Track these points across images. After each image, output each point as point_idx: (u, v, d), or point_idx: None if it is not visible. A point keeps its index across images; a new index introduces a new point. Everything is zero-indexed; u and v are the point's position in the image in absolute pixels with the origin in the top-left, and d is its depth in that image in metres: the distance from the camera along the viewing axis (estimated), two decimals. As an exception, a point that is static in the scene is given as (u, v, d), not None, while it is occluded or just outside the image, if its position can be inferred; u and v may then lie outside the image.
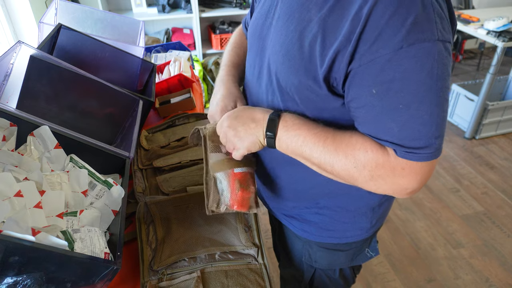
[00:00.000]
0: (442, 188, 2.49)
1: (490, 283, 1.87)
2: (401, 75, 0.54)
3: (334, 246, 0.89)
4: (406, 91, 0.55)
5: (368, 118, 0.60)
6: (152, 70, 1.28)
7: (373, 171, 0.61)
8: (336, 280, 0.97)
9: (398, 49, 0.53)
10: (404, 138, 0.58)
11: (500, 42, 2.54)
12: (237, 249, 0.83)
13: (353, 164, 0.62)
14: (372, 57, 0.55)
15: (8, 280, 0.55)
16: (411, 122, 0.56)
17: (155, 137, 1.23)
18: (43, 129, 0.76)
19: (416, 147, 0.57)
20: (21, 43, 0.88)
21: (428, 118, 0.56)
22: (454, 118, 3.14)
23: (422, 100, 0.55)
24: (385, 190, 0.64)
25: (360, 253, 0.93)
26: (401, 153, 0.59)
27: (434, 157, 0.59)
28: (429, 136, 0.57)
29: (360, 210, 0.83)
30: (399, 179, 0.61)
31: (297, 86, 0.66)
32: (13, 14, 2.18)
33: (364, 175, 0.62)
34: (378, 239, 2.09)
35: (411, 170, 0.59)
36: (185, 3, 3.35)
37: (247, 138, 0.71)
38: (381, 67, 0.55)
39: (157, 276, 0.78)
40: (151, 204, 0.92)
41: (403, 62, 0.54)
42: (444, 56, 0.55)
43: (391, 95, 0.56)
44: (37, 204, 0.66)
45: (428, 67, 0.54)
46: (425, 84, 0.55)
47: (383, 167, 0.60)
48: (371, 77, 0.56)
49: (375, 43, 0.54)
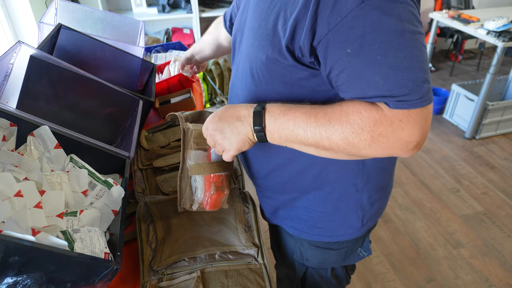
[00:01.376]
0: (442, 188, 2.49)
1: (490, 283, 1.87)
2: (370, 28, 0.54)
3: (325, 244, 0.89)
4: (380, 41, 0.55)
5: (351, 80, 0.59)
6: (152, 70, 1.28)
7: (372, 131, 0.59)
8: (328, 280, 0.97)
9: (360, 3, 0.54)
10: (391, 88, 0.57)
11: (500, 42, 2.54)
12: (237, 249, 0.83)
13: (350, 130, 0.59)
14: (338, 19, 0.55)
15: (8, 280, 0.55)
16: (393, 71, 0.56)
17: (155, 137, 1.23)
18: (43, 129, 0.76)
19: (404, 94, 0.56)
20: (21, 43, 0.88)
21: (409, 63, 0.55)
22: (454, 118, 3.14)
23: (397, 47, 0.55)
24: (390, 149, 0.60)
25: (352, 252, 0.93)
26: (394, 104, 0.57)
27: (426, 102, 0.57)
28: (415, 81, 0.56)
29: (349, 208, 0.83)
30: (399, 132, 0.58)
31: (264, 61, 0.67)
32: (13, 14, 2.18)
33: (365, 138, 0.59)
34: (378, 239, 2.11)
35: (409, 120, 0.58)
36: (185, 3, 3.35)
37: (235, 138, 0.69)
38: (349, 25, 0.55)
39: (157, 276, 0.78)
40: (151, 204, 0.92)
41: (368, 15, 0.54)
42: (408, 2, 0.56)
43: (366, 49, 0.56)
44: (37, 204, 0.66)
45: (395, 14, 0.54)
46: (396, 32, 0.55)
47: (381, 124, 0.58)
48: (342, 38, 0.56)
49: (336, 5, 0.55)
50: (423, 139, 0.60)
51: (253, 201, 0.95)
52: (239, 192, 0.97)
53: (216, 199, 0.78)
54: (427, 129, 0.60)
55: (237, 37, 0.81)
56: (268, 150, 0.78)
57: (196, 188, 0.79)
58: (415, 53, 0.56)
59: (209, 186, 0.78)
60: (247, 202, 0.94)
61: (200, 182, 0.78)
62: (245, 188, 1.02)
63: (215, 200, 0.78)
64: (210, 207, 0.78)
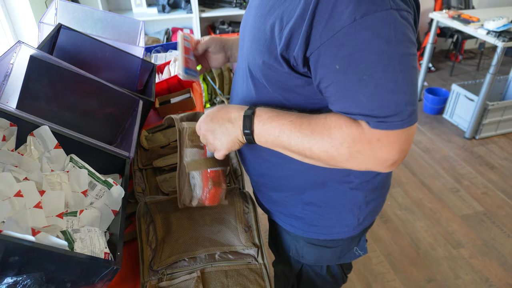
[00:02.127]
0: (442, 188, 2.49)
1: (490, 283, 1.87)
2: (359, 47, 0.55)
3: (321, 242, 0.89)
4: (367, 61, 0.55)
5: (337, 94, 0.61)
6: (152, 70, 1.28)
7: (351, 147, 0.61)
8: (323, 277, 0.98)
9: (352, 21, 0.54)
10: (374, 108, 0.58)
11: (500, 42, 2.54)
12: (237, 249, 0.83)
13: (330, 143, 0.62)
14: (330, 34, 0.56)
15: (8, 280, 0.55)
16: (377, 91, 0.57)
17: (155, 137, 1.23)
18: (43, 129, 0.76)
19: (386, 115, 0.57)
20: (21, 43, 0.88)
21: (394, 85, 0.56)
22: (454, 118, 3.14)
23: (384, 69, 0.55)
24: (367, 165, 0.63)
25: (348, 251, 0.93)
26: (374, 124, 0.59)
27: (407, 124, 0.58)
28: (398, 103, 0.57)
29: (345, 207, 0.84)
30: (377, 151, 0.60)
31: (261, 66, 0.68)
32: (13, 14, 2.18)
33: (343, 153, 0.62)
34: (378, 239, 2.11)
35: (387, 140, 0.59)
36: (185, 3, 3.35)
37: (225, 139, 0.72)
38: (339, 42, 0.56)
39: (157, 276, 0.78)
40: (151, 204, 0.92)
41: (359, 33, 0.54)
42: (402, 23, 0.55)
43: (354, 67, 0.56)
44: (37, 204, 0.66)
45: (385, 35, 0.54)
46: (385, 53, 0.55)
47: (360, 141, 0.60)
48: (332, 54, 0.57)
49: (330, 20, 0.55)
50: (401, 158, 0.62)
51: (253, 201, 0.95)
52: (239, 192, 0.97)
53: (214, 193, 0.81)
54: (407, 148, 0.61)
55: (241, 35, 0.82)
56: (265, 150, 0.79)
57: (195, 185, 0.82)
58: (402, 76, 0.56)
59: (206, 181, 0.81)
60: (247, 202, 0.94)
61: (198, 179, 0.81)
62: (245, 188, 1.02)
63: (213, 195, 0.81)
64: (209, 202, 0.82)
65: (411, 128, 0.60)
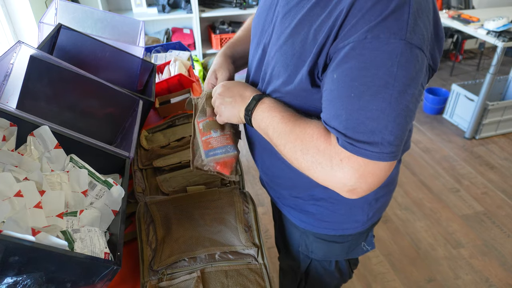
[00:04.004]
0: (442, 188, 2.49)
1: (490, 283, 1.87)
2: (359, 65, 0.55)
3: (331, 237, 0.91)
4: (361, 81, 0.55)
5: (326, 102, 0.61)
6: (152, 70, 1.28)
7: (314, 157, 0.61)
8: (331, 272, 0.99)
9: (363, 39, 0.54)
10: (349, 127, 0.57)
11: (500, 42, 2.54)
12: (237, 249, 0.83)
13: (299, 147, 0.64)
14: (342, 45, 0.57)
15: (8, 280, 0.55)
16: (358, 113, 0.56)
17: (155, 137, 1.23)
18: (43, 129, 0.76)
19: (359, 140, 0.56)
20: (21, 43, 0.88)
21: (378, 114, 0.55)
22: (454, 118, 3.14)
23: (374, 94, 0.54)
24: (324, 180, 0.62)
25: (356, 246, 0.95)
26: (342, 142, 0.58)
27: (377, 158, 0.56)
28: (375, 133, 0.55)
29: (355, 203, 0.85)
30: (336, 171, 0.59)
31: (285, 80, 0.68)
32: (13, 14, 2.18)
33: (306, 160, 0.63)
34: (378, 239, 2.10)
35: (350, 164, 0.57)
36: (185, 3, 3.35)
37: (229, 109, 0.77)
38: (345, 53, 0.56)
39: (157, 276, 0.78)
40: (151, 204, 0.92)
41: (364, 52, 0.54)
42: (409, 59, 0.54)
43: (347, 82, 0.56)
44: (37, 204, 0.66)
45: (388, 64, 0.53)
46: (381, 80, 0.54)
47: (323, 154, 0.60)
48: (335, 62, 0.58)
49: (348, 33, 0.56)
50: (362, 189, 0.59)
51: (253, 201, 0.95)
52: (239, 192, 0.97)
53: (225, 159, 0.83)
54: (372, 182, 0.59)
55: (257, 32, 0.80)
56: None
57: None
58: (390, 110, 0.54)
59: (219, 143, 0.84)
60: (247, 202, 0.94)
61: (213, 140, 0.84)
62: (245, 188, 1.02)
63: (224, 162, 0.83)
64: (221, 168, 0.83)
65: (383, 164, 0.57)
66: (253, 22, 0.85)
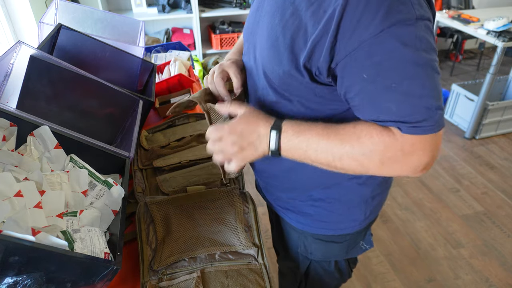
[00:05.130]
0: (442, 188, 2.49)
1: (490, 283, 1.87)
2: (387, 56, 0.56)
3: (329, 237, 0.90)
4: (395, 70, 0.56)
5: (365, 103, 0.61)
6: (152, 70, 1.28)
7: (382, 155, 0.61)
8: (331, 273, 0.99)
9: (379, 32, 0.55)
10: (405, 115, 0.58)
11: (500, 42, 2.54)
12: (237, 249, 0.83)
13: (360, 152, 0.62)
14: (356, 45, 0.56)
15: (8, 280, 0.55)
16: (406, 98, 0.58)
17: (155, 137, 1.23)
18: (43, 129, 0.76)
19: (417, 121, 0.58)
20: (21, 43, 0.88)
21: (423, 91, 0.57)
22: (454, 118, 3.14)
23: (412, 76, 0.57)
24: (400, 171, 0.63)
25: (355, 245, 0.94)
26: (406, 129, 0.59)
27: (438, 128, 0.59)
28: (428, 108, 0.58)
29: (353, 202, 0.85)
30: (409, 157, 0.61)
31: (281, 76, 0.68)
32: (13, 14, 2.18)
33: (375, 161, 0.62)
34: (378, 239, 2.11)
35: (420, 145, 0.60)
36: (185, 3, 3.35)
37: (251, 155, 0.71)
38: (366, 52, 0.56)
39: (157, 276, 0.78)
40: (151, 204, 0.92)
41: (386, 44, 0.55)
42: (425, 32, 0.57)
43: (382, 76, 0.57)
44: (37, 204, 0.66)
45: (412, 44, 0.55)
46: (412, 61, 0.56)
47: (392, 148, 0.61)
48: (359, 64, 0.58)
49: (356, 31, 0.56)
50: (432, 162, 0.62)
51: (253, 201, 0.95)
52: (239, 192, 0.97)
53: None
54: (437, 153, 0.62)
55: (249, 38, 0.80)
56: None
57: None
58: (429, 82, 0.58)
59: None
60: (247, 202, 0.94)
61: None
62: (245, 188, 1.02)
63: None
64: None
65: (441, 132, 0.61)
66: (244, 27, 0.84)
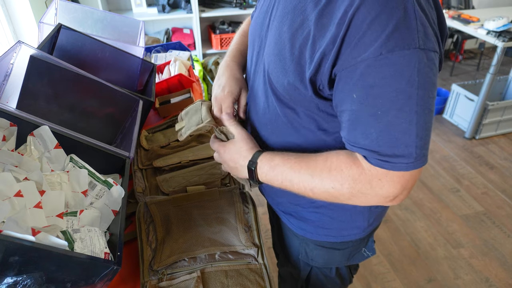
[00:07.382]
0: (442, 188, 2.49)
1: (490, 283, 1.87)
2: (380, 82, 0.54)
3: (331, 244, 0.89)
4: (385, 97, 0.55)
5: (349, 122, 0.61)
6: (152, 70, 1.28)
7: (352, 188, 0.62)
8: (332, 279, 0.98)
9: (378, 55, 0.53)
10: (382, 144, 0.57)
11: (500, 42, 2.54)
12: (237, 249, 0.83)
13: (330, 185, 0.64)
14: (353, 62, 0.55)
15: (8, 280, 0.55)
16: (389, 129, 0.56)
17: (155, 137, 1.23)
18: (43, 129, 0.76)
19: (392, 154, 0.57)
20: (21, 43, 0.88)
21: (407, 126, 0.56)
22: (454, 118, 3.14)
23: (401, 108, 0.55)
24: (369, 202, 0.64)
25: (356, 252, 0.93)
26: (376, 162, 0.59)
27: (412, 167, 0.58)
28: (408, 145, 0.56)
29: (356, 209, 0.84)
30: (378, 190, 0.61)
31: (285, 86, 0.67)
32: (13, 14, 2.18)
33: (344, 193, 0.63)
34: (378, 239, 2.11)
35: (388, 180, 0.59)
36: (185, 3, 3.35)
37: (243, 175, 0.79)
38: (361, 72, 0.55)
39: (157, 276, 0.78)
40: (151, 204, 0.92)
41: (382, 69, 0.54)
42: (427, 64, 0.54)
43: (370, 100, 0.56)
44: (37, 204, 0.66)
45: (408, 75, 0.53)
46: (405, 92, 0.54)
47: (360, 181, 0.61)
48: (352, 82, 0.57)
49: (356, 47, 0.54)
50: (403, 195, 0.62)
51: (253, 201, 0.95)
52: (239, 192, 0.97)
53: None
54: (410, 187, 0.61)
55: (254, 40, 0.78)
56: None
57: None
58: (417, 118, 0.56)
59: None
60: (247, 202, 0.94)
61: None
62: (245, 188, 1.02)
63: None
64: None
65: (417, 171, 0.59)
66: (250, 27, 0.82)
